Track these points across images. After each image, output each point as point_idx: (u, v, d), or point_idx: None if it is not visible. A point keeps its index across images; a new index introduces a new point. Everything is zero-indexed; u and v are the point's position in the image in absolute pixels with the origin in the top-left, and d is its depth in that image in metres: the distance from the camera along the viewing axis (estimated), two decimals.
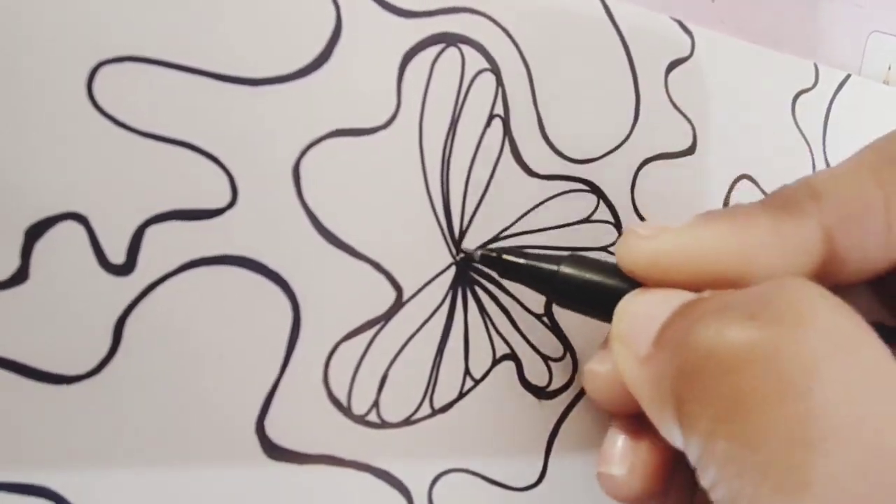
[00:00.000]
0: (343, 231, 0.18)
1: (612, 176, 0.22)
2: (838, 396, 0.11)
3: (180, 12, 0.16)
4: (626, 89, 0.22)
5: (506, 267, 0.19)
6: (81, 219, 0.16)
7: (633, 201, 0.23)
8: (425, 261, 0.20)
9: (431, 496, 0.20)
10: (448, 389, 0.20)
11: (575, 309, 0.18)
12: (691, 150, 0.24)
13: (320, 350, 0.18)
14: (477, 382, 0.21)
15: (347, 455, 0.19)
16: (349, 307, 0.19)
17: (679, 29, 0.23)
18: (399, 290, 0.19)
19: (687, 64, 0.23)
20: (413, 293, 0.19)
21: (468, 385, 0.20)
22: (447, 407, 0.20)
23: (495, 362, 0.21)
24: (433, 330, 0.20)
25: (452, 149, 0.20)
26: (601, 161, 0.22)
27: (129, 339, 0.16)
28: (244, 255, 0.17)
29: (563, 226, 0.22)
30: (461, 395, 0.20)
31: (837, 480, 0.10)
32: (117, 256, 0.16)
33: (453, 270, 0.20)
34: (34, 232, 0.16)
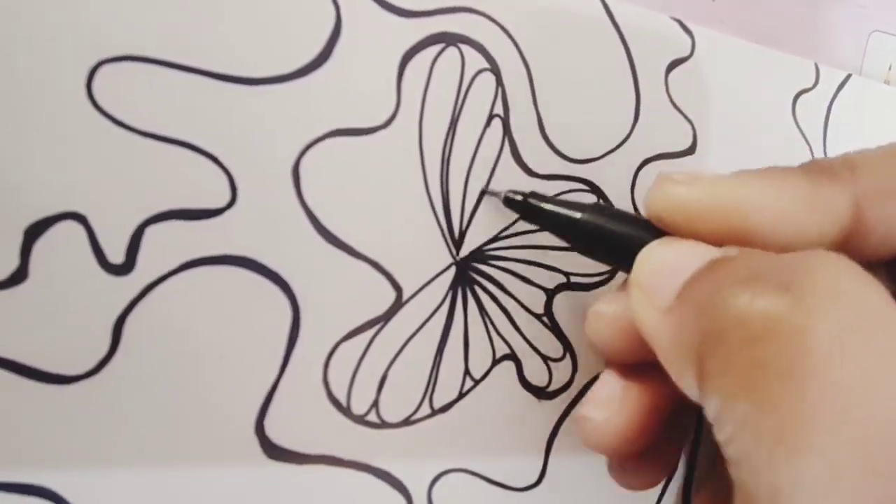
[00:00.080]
0: (343, 231, 0.18)
1: (613, 176, 0.22)
2: (866, 373, 0.11)
3: (180, 12, 0.16)
4: (627, 89, 0.22)
5: (529, 211, 0.19)
6: (81, 218, 0.16)
7: (634, 201, 0.23)
8: (425, 261, 0.20)
9: (431, 496, 0.20)
10: (448, 389, 0.20)
11: (594, 257, 0.18)
12: (691, 150, 0.24)
13: (320, 350, 0.18)
14: (477, 382, 0.21)
15: (347, 455, 0.19)
16: (349, 307, 0.19)
17: (679, 29, 0.23)
18: (399, 290, 0.19)
19: (687, 64, 0.23)
20: (413, 293, 0.19)
21: (468, 385, 0.20)
22: (447, 407, 0.20)
23: (495, 362, 0.21)
24: (433, 330, 0.20)
25: (452, 149, 0.20)
26: (601, 161, 0.22)
27: (129, 339, 0.16)
28: (244, 255, 0.17)
29: None
30: (461, 396, 0.20)
31: (854, 453, 0.11)
32: (117, 256, 0.16)
33: (453, 270, 0.20)
34: (33, 231, 0.16)
